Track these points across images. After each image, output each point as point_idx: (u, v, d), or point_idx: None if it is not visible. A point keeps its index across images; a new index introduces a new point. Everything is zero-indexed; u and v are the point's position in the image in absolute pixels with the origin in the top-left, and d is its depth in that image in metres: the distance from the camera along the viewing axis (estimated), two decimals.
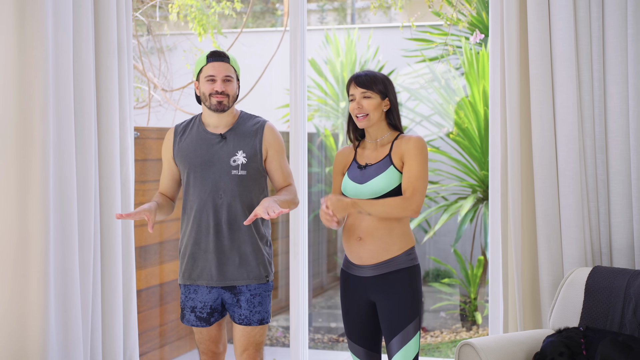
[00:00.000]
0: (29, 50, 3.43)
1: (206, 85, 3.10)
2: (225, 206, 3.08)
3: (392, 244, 2.97)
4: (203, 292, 3.15)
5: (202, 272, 3.12)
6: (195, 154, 3.12)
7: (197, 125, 3.17)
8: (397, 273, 2.96)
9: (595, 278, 3.20)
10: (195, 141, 3.14)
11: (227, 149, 3.11)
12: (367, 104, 3.00)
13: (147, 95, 6.30)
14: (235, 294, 3.13)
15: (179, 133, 3.19)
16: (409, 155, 2.97)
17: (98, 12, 3.77)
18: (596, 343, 2.97)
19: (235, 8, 5.88)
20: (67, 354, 3.56)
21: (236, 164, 3.09)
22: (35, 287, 3.42)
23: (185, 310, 3.19)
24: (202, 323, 3.18)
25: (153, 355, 4.87)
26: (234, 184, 3.08)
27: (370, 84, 3.00)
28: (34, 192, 3.43)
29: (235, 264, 3.10)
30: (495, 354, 3.03)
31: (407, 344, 2.93)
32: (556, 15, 3.41)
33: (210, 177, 3.09)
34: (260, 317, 3.14)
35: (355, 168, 3.06)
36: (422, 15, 6.23)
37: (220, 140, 3.12)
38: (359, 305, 3.06)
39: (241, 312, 3.13)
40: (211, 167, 3.09)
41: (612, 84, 3.39)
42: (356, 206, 2.92)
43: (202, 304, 3.16)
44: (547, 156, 3.46)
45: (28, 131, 3.44)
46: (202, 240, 3.10)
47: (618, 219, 3.40)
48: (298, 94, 4.06)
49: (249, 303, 3.12)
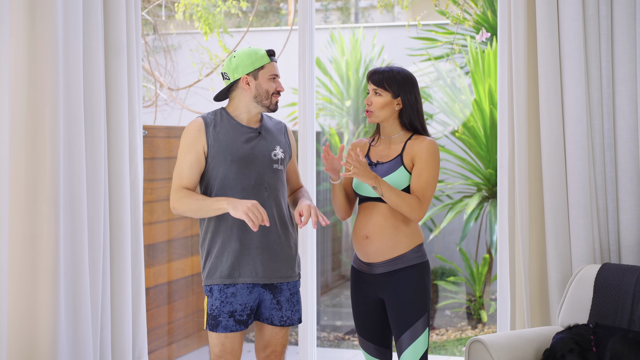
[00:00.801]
0: (40, 50, 3.45)
1: (269, 83, 3.00)
2: (272, 200, 3.01)
3: (399, 242, 2.97)
4: (243, 294, 2.98)
5: (245, 269, 2.97)
6: (236, 145, 2.99)
7: (227, 119, 3.03)
8: (405, 270, 2.97)
9: (604, 275, 3.22)
10: (232, 134, 3.01)
11: (266, 143, 3.04)
12: (375, 101, 3.00)
13: (153, 94, 6.32)
14: (275, 294, 3.03)
15: (210, 123, 3.01)
16: (420, 159, 2.96)
17: (107, 11, 3.78)
18: (606, 340, 2.98)
19: (241, 7, 5.90)
20: (77, 352, 3.58)
21: (277, 158, 3.05)
22: (46, 285, 3.43)
23: (222, 317, 2.96)
24: (241, 326, 2.98)
25: (161, 353, 4.89)
26: (276, 178, 3.03)
27: (382, 82, 2.99)
28: (44, 190, 3.44)
29: (280, 260, 3.02)
30: (505, 350, 3.04)
31: (416, 340, 2.94)
32: (565, 14, 3.42)
33: (254, 169, 2.99)
34: (299, 315, 3.09)
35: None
36: (427, 14, 6.24)
37: (258, 134, 3.04)
38: (368, 302, 3.07)
39: (282, 313, 3.04)
40: (254, 160, 3.00)
41: (621, 82, 3.40)
42: (375, 181, 2.88)
43: (242, 307, 2.98)
44: (555, 154, 3.47)
45: (38, 130, 3.45)
46: (247, 235, 2.97)
47: (626, 216, 3.41)
48: (307, 92, 4.07)
49: (289, 303, 3.05)
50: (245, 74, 2.99)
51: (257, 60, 2.99)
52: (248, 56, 3.00)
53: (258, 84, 2.99)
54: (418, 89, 3.03)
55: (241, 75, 3.00)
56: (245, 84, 3.00)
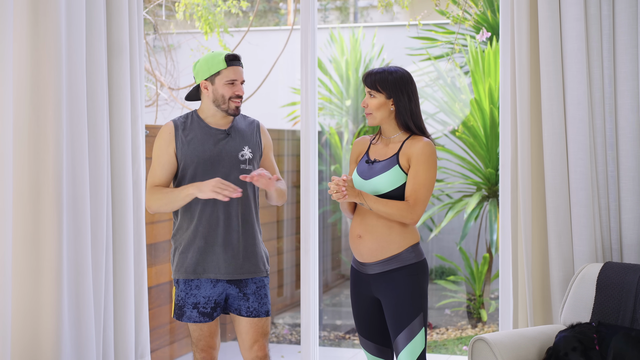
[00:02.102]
0: (43, 50, 3.45)
1: (226, 88, 3.13)
2: (236, 200, 3.13)
3: (392, 241, 2.98)
4: (206, 287, 3.16)
5: (209, 266, 3.13)
6: (204, 148, 3.14)
7: (197, 122, 3.20)
8: (400, 270, 2.97)
9: (606, 274, 3.23)
10: (200, 137, 3.16)
11: (233, 144, 3.17)
12: (370, 103, 3.02)
13: (154, 94, 6.32)
14: (241, 287, 3.17)
15: (179, 127, 3.18)
16: (415, 160, 2.96)
17: (110, 12, 3.79)
18: (609, 338, 2.99)
19: (241, 7, 5.90)
20: (79, 351, 3.58)
21: (244, 158, 3.16)
22: (49, 284, 3.44)
23: (186, 308, 3.16)
24: (205, 318, 3.17)
25: (162, 352, 4.89)
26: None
27: (374, 84, 2.99)
28: (47, 190, 3.45)
29: (243, 258, 3.15)
30: (508, 348, 3.05)
31: (412, 339, 2.94)
32: (567, 14, 3.43)
33: (220, 171, 3.13)
34: (266, 308, 3.21)
35: (363, 162, 3.08)
36: (427, 13, 6.25)
37: (226, 136, 3.16)
38: (366, 301, 3.09)
39: (249, 304, 3.17)
40: (220, 161, 3.14)
41: (623, 82, 3.41)
42: (360, 197, 2.92)
43: (205, 299, 3.16)
44: (557, 153, 3.48)
45: (42, 130, 3.46)
46: (211, 234, 3.13)
47: (628, 215, 3.42)
48: (309, 92, 4.08)
49: (257, 295, 3.18)
50: (204, 79, 3.15)
51: (213, 66, 3.14)
52: (206, 62, 3.15)
53: (214, 89, 3.14)
54: (413, 89, 3.00)
55: (200, 80, 3.17)
56: (204, 88, 3.17)
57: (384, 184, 2.98)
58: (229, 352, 5.30)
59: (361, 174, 3.05)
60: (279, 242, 6.42)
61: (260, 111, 3.30)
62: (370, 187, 3.00)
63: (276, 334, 6.25)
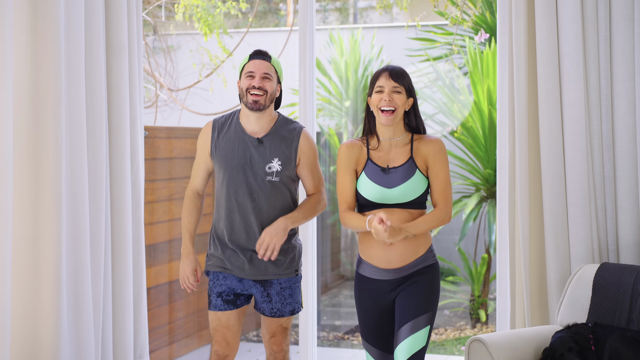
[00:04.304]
0: (42, 51, 3.46)
1: (245, 80, 3.11)
2: (258, 209, 3.10)
3: (419, 245, 2.96)
4: (233, 280, 3.17)
5: (234, 265, 3.16)
6: (233, 155, 3.12)
7: (235, 124, 3.17)
8: (421, 271, 2.96)
9: (602, 274, 3.24)
10: (232, 141, 3.14)
11: (263, 155, 3.11)
12: (397, 98, 2.91)
13: (153, 95, 6.34)
14: (265, 287, 3.17)
15: (216, 128, 3.18)
16: (434, 160, 2.93)
17: (109, 13, 3.80)
18: (605, 338, 3.01)
19: (241, 8, 5.92)
20: (78, 351, 3.60)
21: (271, 171, 3.11)
22: (48, 285, 3.45)
23: (212, 297, 3.20)
24: (229, 306, 3.18)
25: (162, 353, 4.91)
26: (268, 189, 3.11)
27: (403, 79, 2.92)
28: (46, 190, 3.46)
29: (266, 262, 3.13)
30: (505, 349, 3.06)
31: (415, 333, 2.89)
32: (564, 15, 3.45)
33: (245, 180, 3.11)
34: (291, 307, 3.19)
35: (375, 170, 2.96)
36: (426, 15, 6.26)
37: (258, 145, 3.13)
38: (377, 308, 3.01)
39: (272, 305, 3.17)
40: (247, 170, 3.11)
41: (619, 83, 3.43)
42: (404, 232, 2.85)
43: (229, 289, 3.18)
44: (554, 154, 3.49)
45: (41, 131, 3.47)
46: (235, 238, 3.13)
47: (625, 216, 3.44)
48: (307, 93, 4.09)
49: (280, 296, 3.17)
50: (239, 78, 3.19)
51: (242, 63, 3.18)
52: (241, 62, 3.20)
53: (241, 84, 3.17)
54: None
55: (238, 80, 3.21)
56: (238, 87, 3.19)
57: (412, 191, 2.91)
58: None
59: (380, 183, 2.94)
60: None
61: None
62: (397, 194, 2.92)
63: None
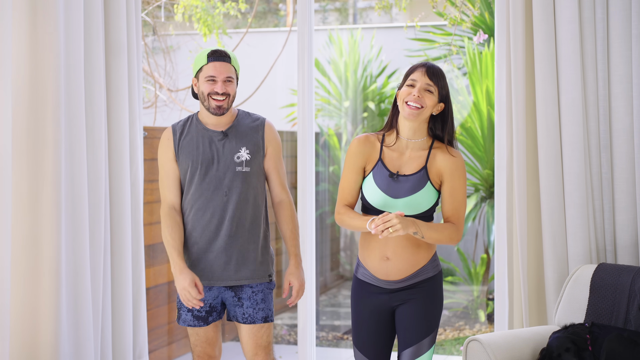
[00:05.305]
0: (41, 51, 3.47)
1: (206, 85, 3.02)
2: (230, 204, 3.03)
3: (420, 258, 2.83)
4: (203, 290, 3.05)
5: (203, 271, 3.06)
6: (198, 151, 3.05)
7: (196, 124, 3.10)
8: (422, 282, 2.86)
9: (600, 275, 3.25)
10: (196, 139, 3.07)
11: (230, 146, 3.05)
12: (427, 97, 2.74)
13: (153, 95, 6.35)
14: (237, 292, 3.08)
15: (177, 131, 3.10)
16: (451, 177, 2.77)
17: (108, 13, 3.81)
18: (602, 339, 3.01)
19: (240, 8, 5.92)
20: (78, 351, 3.60)
21: (240, 161, 3.05)
22: (47, 285, 3.46)
23: (182, 311, 3.10)
24: (199, 322, 3.09)
25: (161, 353, 4.91)
26: (239, 181, 3.04)
27: (439, 79, 2.75)
28: (45, 191, 3.47)
29: (237, 263, 3.05)
30: (502, 349, 3.07)
31: (419, 357, 2.84)
32: (561, 17, 3.45)
33: (215, 174, 3.04)
34: (264, 314, 3.08)
35: (383, 174, 2.81)
36: (425, 15, 6.27)
37: (222, 137, 3.06)
38: (372, 315, 2.91)
39: (244, 310, 3.07)
40: (215, 164, 3.04)
41: (617, 84, 3.44)
42: (416, 227, 2.68)
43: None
44: (552, 155, 3.50)
45: (40, 131, 3.48)
46: (203, 239, 3.05)
47: (622, 216, 3.44)
48: (306, 94, 4.10)
49: (252, 300, 3.07)
50: (194, 76, 3.09)
51: (198, 61, 3.08)
52: (195, 59, 3.10)
53: (199, 87, 3.07)
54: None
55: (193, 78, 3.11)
56: (194, 85, 3.10)
57: (418, 205, 2.77)
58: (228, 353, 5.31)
59: (386, 191, 2.79)
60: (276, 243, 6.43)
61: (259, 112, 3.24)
62: (400, 206, 2.77)
63: (275, 335, 6.27)
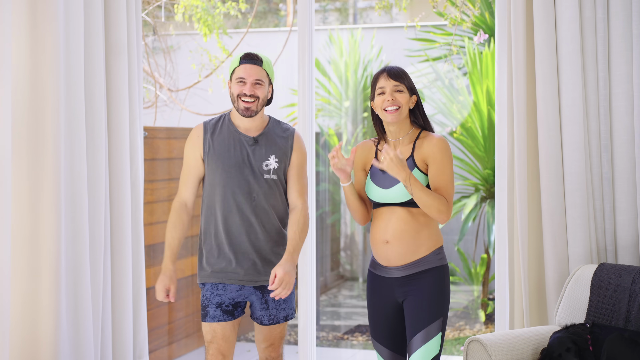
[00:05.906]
0: (41, 51, 3.47)
1: (236, 86, 3.09)
2: (259, 208, 3.10)
3: (420, 245, 2.94)
4: (233, 290, 3.14)
5: (233, 272, 3.13)
6: (229, 154, 3.11)
7: (228, 125, 3.16)
8: (425, 273, 2.94)
9: (601, 275, 3.25)
10: (227, 141, 3.13)
11: (259, 153, 3.12)
12: (399, 96, 2.94)
13: (153, 95, 6.34)
14: (264, 294, 3.15)
15: (208, 130, 3.16)
16: (434, 159, 2.92)
17: (108, 13, 3.80)
18: (602, 339, 3.01)
19: (240, 8, 5.92)
20: (78, 351, 3.60)
21: (268, 169, 3.12)
22: (47, 285, 3.46)
23: (209, 307, 3.14)
24: (228, 317, 3.14)
25: (161, 353, 4.91)
26: (266, 187, 3.11)
27: (403, 78, 2.95)
28: (46, 191, 3.47)
29: (265, 264, 3.13)
30: (503, 349, 3.07)
31: (428, 341, 2.89)
32: (562, 17, 3.45)
33: (244, 179, 3.10)
34: (285, 314, 3.19)
35: (377, 171, 3.00)
36: (425, 15, 6.27)
37: (253, 143, 3.13)
38: (385, 306, 3.02)
39: (269, 312, 3.17)
40: (245, 169, 3.11)
41: (617, 84, 3.43)
42: (408, 176, 2.82)
43: (230, 300, 3.15)
44: (553, 155, 3.50)
45: (40, 131, 3.47)
46: (234, 241, 3.12)
47: (623, 216, 3.44)
48: (306, 94, 4.10)
49: (276, 303, 3.17)
50: (229, 79, 3.16)
51: (232, 65, 3.15)
52: (231, 63, 3.16)
53: (231, 89, 3.14)
54: None
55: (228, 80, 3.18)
56: (229, 87, 3.16)
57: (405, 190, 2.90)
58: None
59: (379, 184, 2.97)
60: None
61: None
62: (392, 194, 2.93)
63: None
